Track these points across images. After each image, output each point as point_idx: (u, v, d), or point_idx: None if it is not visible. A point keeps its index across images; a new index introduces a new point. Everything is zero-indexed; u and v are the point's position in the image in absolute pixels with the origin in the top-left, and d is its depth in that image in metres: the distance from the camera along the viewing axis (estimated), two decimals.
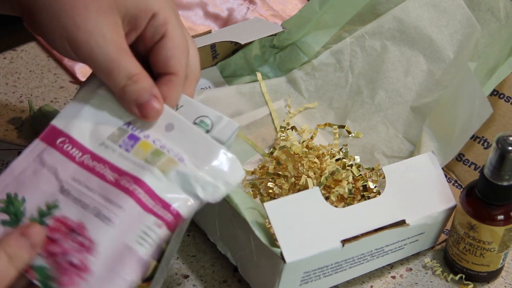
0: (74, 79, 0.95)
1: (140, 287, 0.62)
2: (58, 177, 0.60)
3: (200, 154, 0.61)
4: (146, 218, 0.59)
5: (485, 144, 0.84)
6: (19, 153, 0.82)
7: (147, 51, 0.64)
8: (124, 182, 0.60)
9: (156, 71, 0.64)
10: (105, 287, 0.57)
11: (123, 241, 0.58)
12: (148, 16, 0.62)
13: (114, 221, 0.58)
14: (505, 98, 0.84)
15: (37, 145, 0.62)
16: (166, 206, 0.59)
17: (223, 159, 0.61)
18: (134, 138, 0.62)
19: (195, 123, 0.63)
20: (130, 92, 0.61)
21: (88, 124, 0.62)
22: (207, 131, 0.63)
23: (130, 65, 0.61)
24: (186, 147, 0.61)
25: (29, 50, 0.98)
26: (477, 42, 0.84)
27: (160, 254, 0.60)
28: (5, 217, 0.60)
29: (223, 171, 0.61)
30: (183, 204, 0.60)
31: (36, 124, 0.87)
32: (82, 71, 0.95)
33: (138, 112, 0.61)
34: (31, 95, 0.93)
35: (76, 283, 0.57)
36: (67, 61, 0.96)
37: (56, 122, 0.63)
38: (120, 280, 0.58)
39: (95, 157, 0.61)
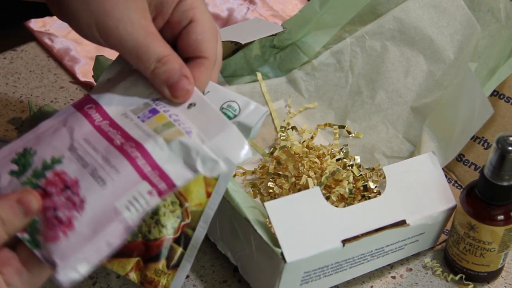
0: (74, 79, 0.95)
1: (167, 274, 0.62)
2: (72, 135, 0.61)
3: (209, 129, 0.61)
4: (140, 185, 0.59)
5: (485, 144, 0.84)
6: None
7: (175, 37, 0.64)
8: (127, 147, 0.60)
9: (185, 55, 0.64)
10: (86, 246, 0.57)
11: (112, 204, 0.58)
12: (175, 1, 0.63)
13: (107, 182, 0.58)
14: (505, 98, 0.84)
15: (68, 108, 0.63)
16: (162, 175, 0.59)
17: (230, 137, 0.61)
18: (153, 112, 0.62)
19: (222, 108, 0.63)
20: (160, 74, 0.61)
21: (119, 96, 0.63)
22: (235, 116, 0.63)
23: (159, 48, 0.61)
24: (199, 123, 0.61)
25: (29, 50, 0.98)
26: (477, 42, 0.84)
27: (186, 241, 0.60)
28: (14, 167, 0.60)
29: (226, 148, 0.60)
30: (180, 176, 0.60)
31: (36, 124, 0.87)
32: (82, 71, 0.95)
33: (168, 92, 0.62)
34: (31, 95, 0.93)
35: (57, 238, 0.57)
36: (67, 61, 0.96)
37: (93, 93, 0.64)
38: (102, 242, 0.58)
39: (112, 124, 0.62)
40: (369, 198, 0.80)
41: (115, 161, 0.59)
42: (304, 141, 0.87)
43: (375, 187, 0.81)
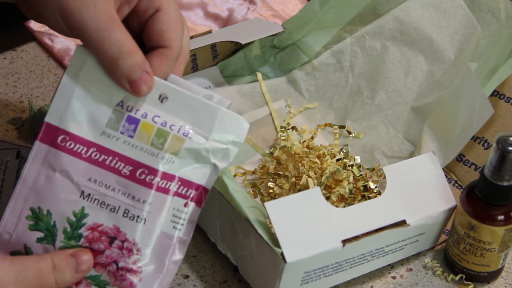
0: None
1: None
2: (74, 180, 0.60)
3: (202, 122, 0.61)
4: (173, 202, 0.60)
5: (486, 144, 0.84)
6: (18, 152, 0.83)
7: (141, 26, 0.63)
8: (139, 173, 0.60)
9: (150, 45, 0.63)
10: (159, 277, 0.60)
11: (160, 231, 0.60)
12: None
13: (145, 217, 0.60)
14: (505, 98, 0.84)
15: (39, 147, 0.61)
16: (186, 183, 0.60)
17: (225, 121, 0.62)
18: (133, 121, 0.61)
19: None
20: (122, 67, 0.60)
21: (81, 113, 0.61)
22: None
23: (121, 36, 0.59)
24: (186, 116, 0.61)
25: (29, 50, 0.98)
26: (477, 42, 0.84)
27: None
28: (39, 234, 0.60)
29: (229, 133, 0.62)
30: (201, 176, 0.61)
31: (36, 124, 0.87)
32: None
33: (130, 88, 0.60)
34: (31, 95, 0.93)
35: (134, 285, 0.59)
36: (67, 61, 0.96)
37: (50, 119, 0.62)
38: (171, 264, 0.60)
39: (101, 149, 0.61)
40: (369, 198, 0.80)
41: (138, 193, 0.60)
42: (304, 141, 0.87)
43: (375, 187, 0.81)
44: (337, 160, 0.83)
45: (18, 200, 0.60)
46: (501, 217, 0.72)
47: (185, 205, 0.61)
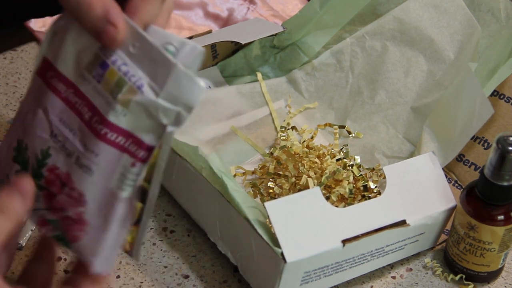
0: None
1: (130, 231, 0.61)
2: (49, 118, 0.59)
3: (158, 76, 0.58)
4: (122, 159, 0.57)
5: (485, 144, 0.84)
6: None
7: None
8: (94, 121, 0.58)
9: None
10: (104, 235, 0.57)
11: (106, 188, 0.57)
12: None
13: (93, 169, 0.57)
14: (505, 98, 0.84)
15: (35, 81, 0.61)
16: (136, 141, 0.57)
17: (180, 79, 0.57)
18: (104, 66, 0.59)
19: None
20: (85, 20, 0.58)
21: (70, 52, 0.60)
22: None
23: None
24: (147, 69, 0.58)
25: (29, 50, 0.98)
26: (477, 42, 0.84)
27: (143, 195, 0.59)
28: (17, 167, 0.59)
29: (181, 93, 0.57)
30: (152, 135, 0.58)
31: None
32: None
33: (99, 41, 0.58)
34: None
35: (78, 237, 0.57)
36: None
37: (47, 53, 0.61)
38: (116, 225, 0.57)
39: (77, 93, 0.59)
40: (369, 198, 0.80)
41: (91, 143, 0.58)
42: (304, 141, 0.87)
43: (375, 187, 0.81)
44: (337, 160, 0.83)
45: (12, 130, 0.61)
46: (501, 217, 0.72)
47: (132, 164, 0.57)
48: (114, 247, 0.58)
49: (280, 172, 0.82)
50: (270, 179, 0.82)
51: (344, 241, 0.70)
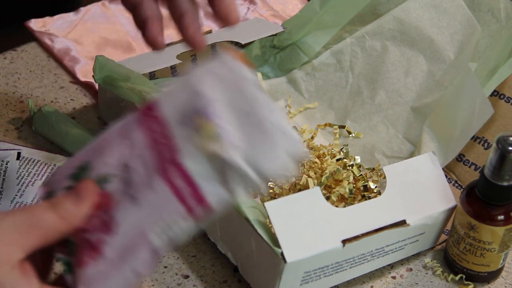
0: (74, 79, 0.95)
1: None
2: (128, 151, 0.55)
3: (258, 147, 0.53)
4: (175, 206, 0.53)
5: (485, 144, 0.84)
6: (18, 153, 0.83)
7: None
8: (167, 161, 0.54)
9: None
10: (112, 276, 0.53)
11: (143, 227, 0.53)
12: None
13: (142, 203, 0.53)
14: (505, 98, 0.84)
15: (134, 115, 0.57)
16: (198, 196, 0.53)
17: (277, 158, 0.53)
18: (207, 116, 0.54)
19: None
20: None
21: (179, 101, 0.56)
22: None
23: None
24: (249, 137, 0.54)
25: (29, 50, 0.98)
26: (477, 42, 0.84)
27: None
28: (70, 183, 0.56)
29: (268, 168, 0.53)
30: (217, 197, 0.53)
31: (36, 124, 0.87)
32: (82, 71, 0.95)
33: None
34: (31, 95, 0.92)
35: (86, 264, 0.54)
36: (67, 61, 0.96)
37: (158, 98, 0.57)
38: (129, 271, 0.53)
39: (168, 133, 0.55)
40: (369, 198, 0.80)
41: (151, 175, 0.54)
42: (304, 141, 0.87)
43: (375, 187, 0.81)
44: (337, 160, 0.83)
45: (84, 151, 0.57)
46: (501, 217, 0.72)
47: (185, 219, 0.53)
48: None
49: None
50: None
51: (344, 241, 0.70)
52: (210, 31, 0.92)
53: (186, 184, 0.53)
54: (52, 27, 1.00)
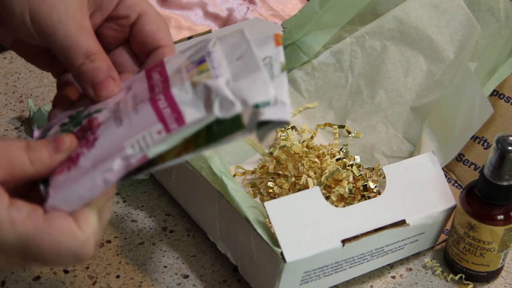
0: None
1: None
2: (125, 93, 0.60)
3: (239, 74, 0.57)
4: (154, 126, 0.56)
5: (485, 144, 0.84)
6: None
7: (124, 34, 0.64)
8: (157, 92, 0.58)
9: (144, 50, 0.63)
10: (82, 180, 0.55)
11: (121, 142, 0.56)
12: None
13: (124, 122, 0.57)
14: (505, 98, 0.84)
15: (140, 73, 0.63)
16: (179, 118, 0.56)
17: (256, 81, 0.56)
18: (201, 62, 0.60)
19: None
20: (85, 71, 0.60)
21: (182, 55, 0.61)
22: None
23: (89, 43, 0.60)
24: (235, 70, 0.58)
25: None
26: (477, 42, 0.84)
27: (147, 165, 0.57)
28: (66, 120, 0.60)
29: (247, 90, 0.55)
30: (191, 114, 0.56)
31: (36, 124, 0.87)
32: None
33: (92, 92, 0.60)
34: (31, 95, 0.93)
35: (61, 172, 0.56)
36: None
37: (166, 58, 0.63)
38: (99, 177, 0.55)
39: (163, 73, 0.61)
40: (369, 198, 0.80)
41: (140, 103, 0.58)
42: (304, 141, 0.87)
43: (375, 187, 0.81)
44: (337, 160, 0.83)
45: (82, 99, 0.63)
46: (500, 217, 0.72)
47: (159, 132, 0.55)
48: (81, 196, 0.55)
49: (280, 172, 0.82)
50: (270, 179, 0.83)
51: (344, 241, 0.70)
52: (209, 31, 0.92)
53: (170, 108, 0.57)
54: None
